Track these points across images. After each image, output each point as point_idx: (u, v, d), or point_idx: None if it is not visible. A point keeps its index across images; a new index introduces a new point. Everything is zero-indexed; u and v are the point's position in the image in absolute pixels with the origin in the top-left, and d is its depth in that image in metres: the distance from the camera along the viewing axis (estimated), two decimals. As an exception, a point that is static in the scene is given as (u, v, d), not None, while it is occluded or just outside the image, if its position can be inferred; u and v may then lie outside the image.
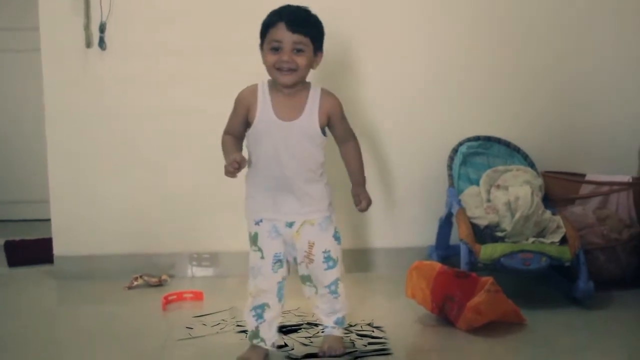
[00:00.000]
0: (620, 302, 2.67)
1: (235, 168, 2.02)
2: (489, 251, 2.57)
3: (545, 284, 2.84)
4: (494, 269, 2.58)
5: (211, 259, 3.08)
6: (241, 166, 2.04)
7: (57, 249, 3.08)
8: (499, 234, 2.68)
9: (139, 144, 3.04)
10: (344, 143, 2.23)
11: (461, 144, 2.96)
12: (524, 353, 2.28)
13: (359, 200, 2.22)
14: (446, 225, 2.97)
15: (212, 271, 3.09)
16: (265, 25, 2.11)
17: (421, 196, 3.10)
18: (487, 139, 2.98)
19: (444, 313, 2.46)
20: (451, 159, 2.94)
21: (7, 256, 3.42)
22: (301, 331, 2.40)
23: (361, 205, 2.22)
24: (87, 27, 2.95)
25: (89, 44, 2.96)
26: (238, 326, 2.42)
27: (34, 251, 3.42)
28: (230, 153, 2.08)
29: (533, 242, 2.61)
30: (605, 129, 3.13)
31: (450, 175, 2.92)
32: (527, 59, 3.09)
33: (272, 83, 2.14)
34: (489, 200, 2.77)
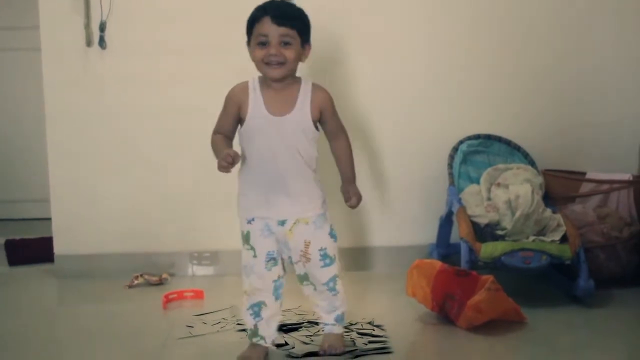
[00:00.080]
0: (621, 300, 2.68)
1: (229, 162, 1.99)
2: (489, 249, 2.57)
3: (546, 282, 2.84)
4: (495, 267, 2.58)
5: (211, 257, 3.08)
6: (235, 160, 2.01)
7: (58, 248, 3.08)
8: (500, 232, 2.68)
9: (139, 143, 3.04)
10: (334, 139, 2.21)
11: (461, 142, 2.96)
12: (524, 351, 2.28)
13: (349, 197, 2.20)
14: (447, 223, 2.97)
15: (212, 270, 3.09)
16: (251, 20, 2.10)
17: (421, 195, 3.10)
18: (488, 137, 2.98)
19: (444, 311, 2.46)
20: (451, 157, 2.94)
21: (8, 255, 3.42)
22: (302, 330, 2.40)
23: (351, 201, 2.20)
24: (87, 26, 2.95)
25: (89, 43, 2.96)
26: (238, 325, 2.43)
27: (35, 250, 3.42)
28: (222, 149, 2.05)
29: (533, 241, 2.61)
30: (605, 127, 3.13)
31: (451, 174, 2.92)
32: (527, 58, 3.09)
33: (262, 79, 2.13)
34: (489, 198, 2.77)
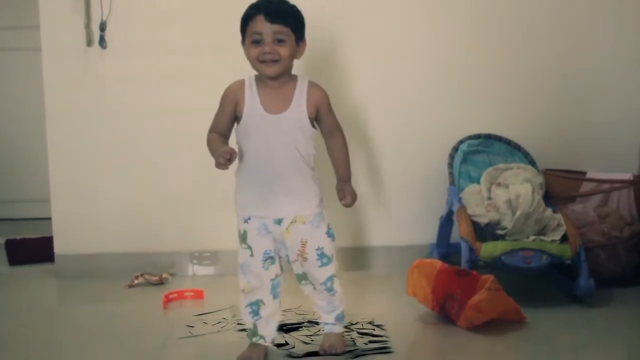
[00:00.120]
0: (621, 299, 2.68)
1: (226, 159, 1.99)
2: (489, 249, 2.57)
3: (546, 281, 2.84)
4: (495, 267, 2.57)
5: (212, 257, 3.08)
6: (232, 157, 2.00)
7: (58, 247, 3.08)
8: (500, 232, 2.68)
9: (139, 142, 3.04)
10: (330, 137, 2.19)
11: (462, 142, 2.96)
12: (524, 351, 2.28)
13: (344, 195, 2.18)
14: (447, 223, 2.97)
15: (212, 269, 3.09)
16: (244, 19, 2.09)
17: (422, 194, 3.10)
18: (488, 137, 2.98)
19: (444, 311, 2.46)
20: (452, 157, 2.94)
21: (8, 255, 3.42)
22: (302, 329, 2.40)
23: (345, 200, 2.18)
24: (87, 25, 2.95)
25: (89, 43, 2.96)
26: (239, 325, 2.42)
27: (35, 250, 3.42)
28: (219, 147, 2.05)
29: (534, 240, 2.61)
30: (605, 127, 3.12)
31: (451, 174, 2.92)
32: (528, 58, 3.09)
33: (258, 77, 2.12)
34: (489, 198, 2.77)
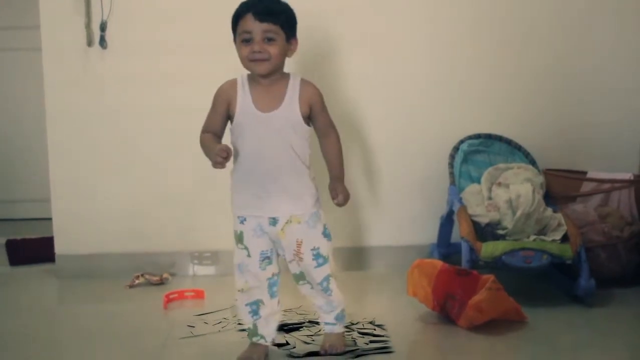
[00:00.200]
0: (621, 299, 2.68)
1: (223, 157, 1.99)
2: (490, 249, 2.57)
3: (547, 281, 2.84)
4: (495, 266, 2.57)
5: (212, 257, 3.08)
6: (228, 154, 2.00)
7: (59, 247, 3.08)
8: (500, 231, 2.68)
9: (139, 142, 3.04)
10: (324, 136, 2.18)
11: (462, 141, 2.96)
12: (525, 351, 2.28)
13: (336, 194, 2.16)
14: (447, 223, 2.97)
15: (213, 269, 3.09)
16: (235, 17, 2.08)
17: (422, 194, 3.10)
18: (488, 136, 2.98)
19: (445, 311, 2.46)
20: (452, 157, 2.94)
21: (9, 255, 3.42)
22: (303, 329, 2.40)
23: (338, 199, 2.16)
24: (88, 25, 2.95)
25: (90, 43, 2.96)
26: (239, 325, 2.42)
27: (35, 250, 3.42)
28: (214, 147, 2.05)
29: (534, 240, 2.61)
30: (606, 127, 3.12)
31: (452, 173, 2.92)
32: (528, 59, 3.09)
33: (251, 76, 2.12)
34: (490, 198, 2.76)
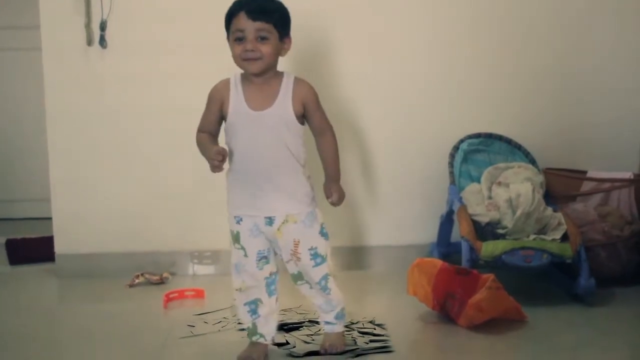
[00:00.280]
0: (622, 299, 2.68)
1: (220, 160, 1.99)
2: (490, 248, 2.57)
3: (546, 280, 2.84)
4: (495, 266, 2.57)
5: (212, 256, 3.08)
6: (224, 157, 2.00)
7: (58, 247, 3.07)
8: (500, 231, 2.68)
9: (139, 142, 3.04)
10: (320, 135, 2.17)
11: (462, 141, 2.96)
12: (525, 350, 2.28)
13: (330, 193, 2.16)
14: (447, 222, 2.97)
15: (213, 269, 3.09)
16: (228, 16, 2.07)
17: (422, 194, 3.09)
18: (489, 136, 2.98)
19: (445, 310, 2.46)
20: (452, 156, 2.94)
21: (9, 254, 3.41)
22: (303, 329, 2.40)
23: (332, 198, 2.15)
24: (87, 25, 2.94)
25: (89, 42, 2.96)
26: (239, 324, 2.41)
27: (35, 249, 3.42)
28: (210, 148, 2.05)
29: (534, 239, 2.60)
30: (606, 126, 3.12)
31: (452, 173, 2.92)
32: (528, 58, 3.09)
33: (244, 75, 2.11)
34: (490, 197, 2.76)
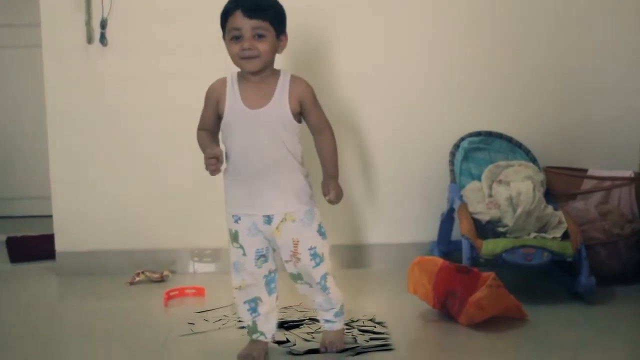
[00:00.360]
0: (622, 297, 2.68)
1: (213, 164, 1.98)
2: (490, 246, 2.57)
3: (547, 279, 2.84)
4: (496, 264, 2.57)
5: (213, 254, 3.08)
6: (220, 160, 1.99)
7: (59, 245, 3.08)
8: (501, 229, 2.68)
9: (140, 140, 3.04)
10: (318, 133, 2.15)
11: (463, 139, 2.95)
12: (525, 348, 2.28)
13: (328, 191, 2.15)
14: (448, 220, 2.97)
15: (213, 267, 3.09)
16: (224, 14, 2.06)
17: (422, 194, 3.09)
18: (489, 134, 2.98)
19: (445, 308, 2.46)
20: (453, 154, 2.94)
21: (9, 252, 3.42)
22: (303, 327, 2.40)
23: (330, 195, 2.14)
24: (88, 23, 2.95)
25: (90, 40, 2.96)
26: (239, 322, 2.41)
27: (36, 247, 3.42)
28: (209, 144, 2.05)
29: (535, 237, 2.60)
30: (606, 125, 3.12)
31: (452, 171, 2.92)
32: (528, 58, 3.09)
33: (241, 73, 2.10)
34: (490, 195, 2.76)
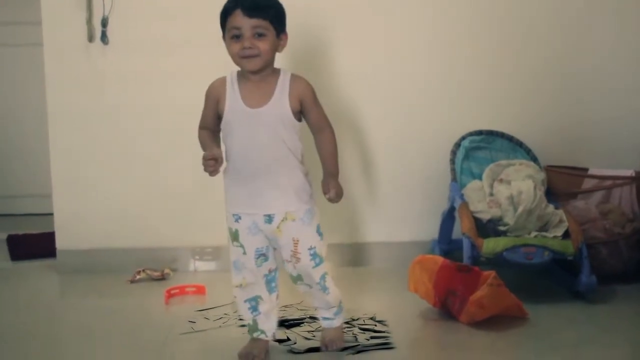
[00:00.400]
0: (623, 296, 2.68)
1: (212, 166, 1.98)
2: (491, 245, 2.57)
3: (548, 278, 2.84)
4: (497, 263, 2.57)
5: (213, 253, 3.08)
6: (218, 161, 1.99)
7: (60, 243, 3.08)
8: (502, 228, 2.68)
9: (140, 139, 3.04)
10: (318, 132, 2.15)
11: (464, 138, 2.95)
12: (526, 347, 2.28)
13: (328, 189, 2.13)
14: (449, 219, 2.97)
15: (214, 265, 3.09)
16: (223, 13, 2.06)
17: (423, 193, 3.09)
18: (490, 133, 2.97)
19: (446, 307, 2.47)
20: (454, 153, 2.94)
21: (10, 250, 3.42)
22: (303, 325, 2.40)
23: (329, 193, 2.13)
24: (89, 21, 2.94)
25: (91, 39, 2.96)
26: (240, 320, 2.42)
27: (37, 245, 3.42)
28: (208, 144, 2.05)
29: (535, 236, 2.60)
30: (607, 124, 3.11)
31: (453, 170, 2.92)
32: (527, 58, 3.08)
33: (241, 72, 2.10)
34: (491, 194, 2.76)
